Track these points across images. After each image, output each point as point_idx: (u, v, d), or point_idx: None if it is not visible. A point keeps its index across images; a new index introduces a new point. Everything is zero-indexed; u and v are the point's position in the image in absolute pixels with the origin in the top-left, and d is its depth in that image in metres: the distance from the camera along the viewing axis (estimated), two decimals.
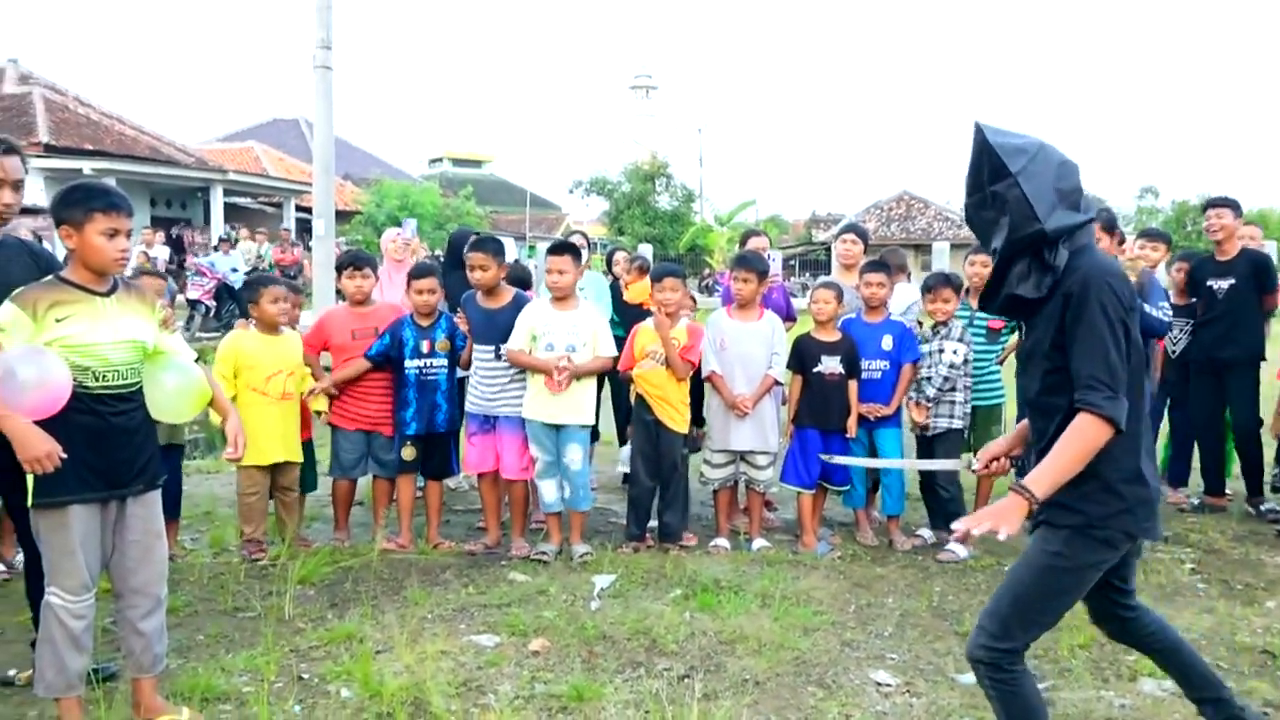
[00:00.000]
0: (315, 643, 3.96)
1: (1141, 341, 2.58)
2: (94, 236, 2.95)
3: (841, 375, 5.38)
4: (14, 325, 2.83)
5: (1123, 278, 2.52)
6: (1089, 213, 2.56)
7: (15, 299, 2.88)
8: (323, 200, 13.34)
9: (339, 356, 5.40)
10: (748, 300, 5.39)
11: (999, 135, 2.56)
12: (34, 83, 23.46)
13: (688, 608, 4.37)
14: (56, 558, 2.96)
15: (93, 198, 2.97)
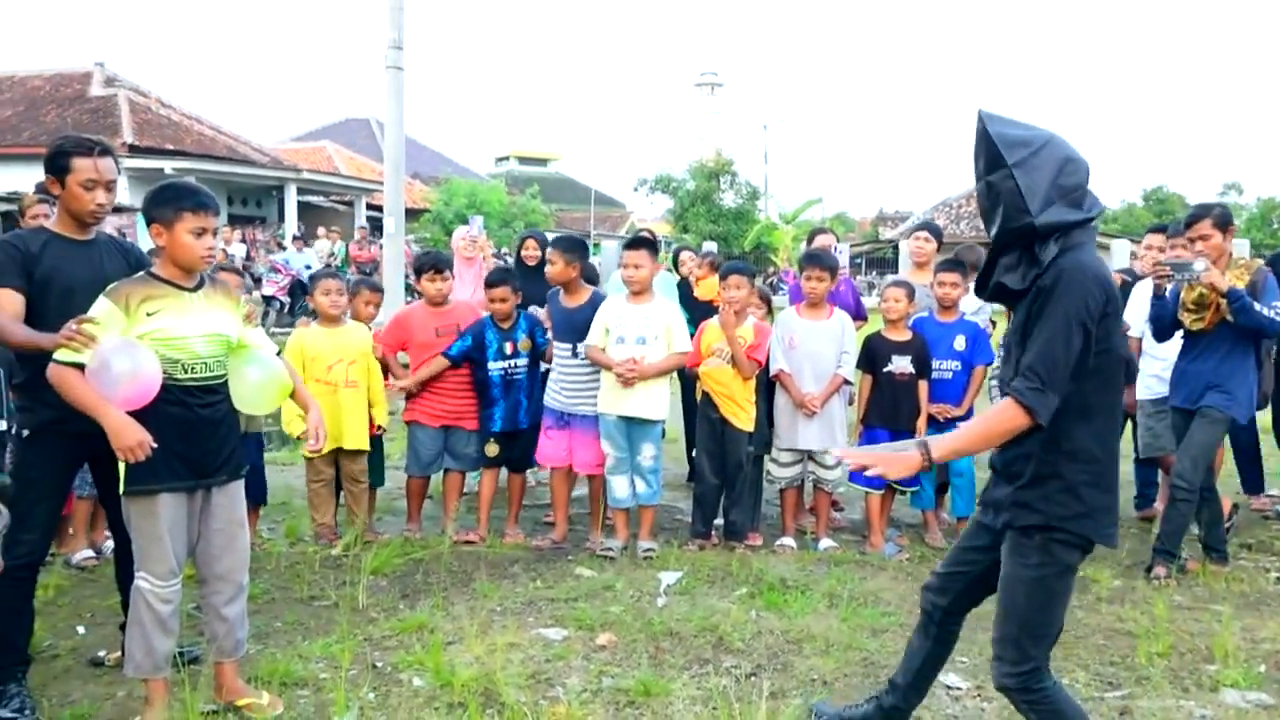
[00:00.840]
0: (388, 632, 4.05)
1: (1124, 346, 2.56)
2: (183, 234, 3.05)
3: (912, 375, 5.32)
4: (108, 319, 2.94)
5: (1099, 282, 2.47)
6: (1090, 211, 2.53)
7: (109, 294, 3.00)
8: (393, 198, 13.55)
9: (421, 354, 5.50)
10: (817, 299, 5.36)
11: (1001, 125, 2.55)
12: (119, 85, 24.26)
13: (754, 606, 4.36)
14: (146, 544, 3.08)
15: (183, 197, 3.08)
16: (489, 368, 5.36)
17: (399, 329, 5.59)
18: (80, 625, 4.10)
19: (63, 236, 3.36)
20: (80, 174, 3.27)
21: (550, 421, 5.37)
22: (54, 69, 25.27)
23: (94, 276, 3.29)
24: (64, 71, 25.04)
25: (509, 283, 5.43)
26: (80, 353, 2.89)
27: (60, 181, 3.29)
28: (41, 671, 3.58)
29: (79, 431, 3.10)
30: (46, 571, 4.22)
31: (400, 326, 5.61)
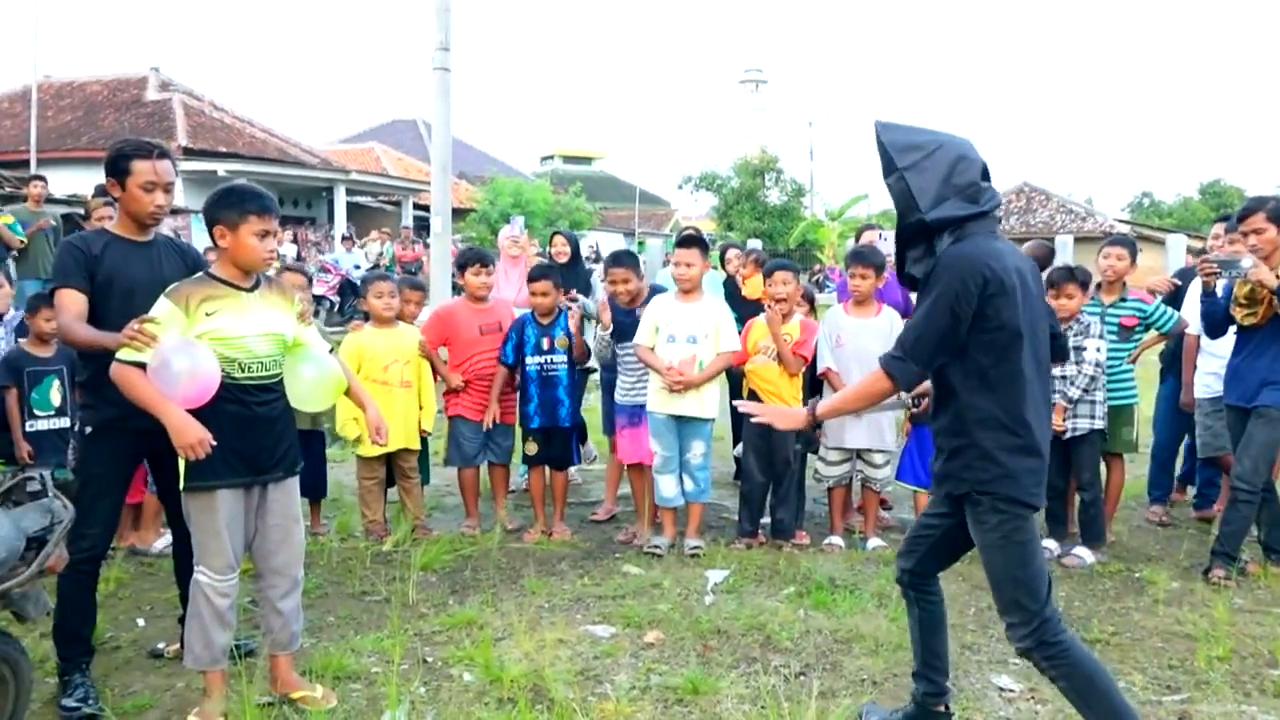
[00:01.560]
0: (438, 627, 4.09)
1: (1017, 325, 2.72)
2: (247, 237, 3.11)
3: None
4: (169, 319, 3.01)
5: (977, 267, 2.69)
6: (984, 206, 2.76)
7: (170, 294, 3.06)
8: (440, 198, 13.66)
9: (464, 351, 5.57)
10: (864, 296, 5.31)
11: (893, 133, 2.84)
12: (173, 90, 24.75)
13: (802, 605, 4.34)
14: (204, 538, 3.14)
15: (248, 200, 3.14)
16: (526, 363, 5.42)
17: (441, 325, 5.65)
18: (140, 618, 4.20)
19: (123, 238, 3.44)
20: (140, 176, 3.35)
21: (624, 420, 5.40)
22: (111, 74, 25.86)
23: (153, 277, 3.37)
24: (121, 77, 25.62)
25: (551, 278, 5.47)
26: (142, 352, 2.95)
27: (120, 184, 3.37)
28: (103, 662, 3.67)
29: (140, 429, 3.17)
30: (107, 565, 4.32)
31: (443, 323, 5.67)
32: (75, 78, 25.97)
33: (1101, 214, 34.72)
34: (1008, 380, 2.74)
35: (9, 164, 19.68)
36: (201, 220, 10.47)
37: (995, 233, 2.84)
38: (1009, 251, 2.81)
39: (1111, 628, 4.20)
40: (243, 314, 3.12)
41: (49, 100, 23.41)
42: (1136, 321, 5.48)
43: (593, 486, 6.73)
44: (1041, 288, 2.95)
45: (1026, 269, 2.81)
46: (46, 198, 10.36)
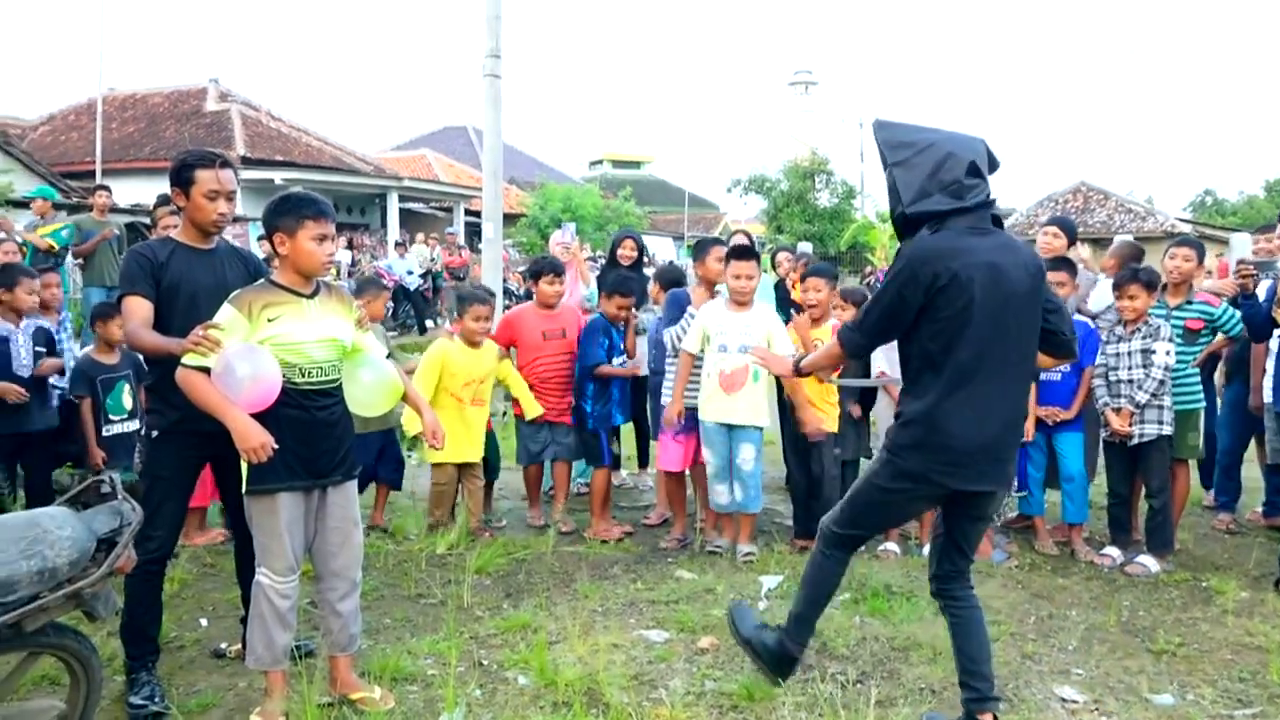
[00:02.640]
0: (493, 630, 4.12)
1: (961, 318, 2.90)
2: (305, 242, 3.16)
3: None
4: (232, 325, 3.07)
5: (929, 259, 2.89)
6: (966, 201, 2.90)
7: (233, 301, 3.12)
8: (491, 204, 13.73)
9: (529, 354, 5.74)
10: None
11: (888, 131, 3.05)
12: (231, 100, 25.29)
13: (858, 612, 4.30)
14: (266, 540, 3.20)
15: (304, 206, 3.19)
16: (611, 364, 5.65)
17: (509, 329, 5.82)
18: (203, 618, 4.29)
19: (187, 245, 3.52)
20: (203, 185, 3.43)
21: (678, 426, 5.39)
22: (172, 86, 26.50)
23: (216, 283, 3.44)
24: (181, 89, 26.24)
25: (633, 290, 5.76)
26: (206, 357, 3.01)
27: (185, 193, 3.45)
28: (168, 661, 3.75)
29: (204, 432, 3.24)
30: (170, 566, 4.42)
31: (511, 327, 5.82)
32: (137, 90, 26.65)
33: (1162, 213, 33.91)
34: (954, 367, 2.91)
35: (76, 175, 20.27)
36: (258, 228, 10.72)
37: (980, 228, 2.93)
38: (982, 248, 2.90)
39: (1179, 638, 4.09)
40: (303, 320, 3.17)
41: (113, 112, 24.04)
42: (1202, 324, 5.35)
43: (646, 493, 6.73)
44: (1036, 286, 3.00)
45: (1007, 265, 2.90)
46: (111, 207, 10.63)
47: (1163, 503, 5.05)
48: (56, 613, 2.67)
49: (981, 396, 2.92)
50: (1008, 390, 2.97)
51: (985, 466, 2.97)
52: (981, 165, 2.94)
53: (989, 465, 2.97)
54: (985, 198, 2.93)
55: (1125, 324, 5.12)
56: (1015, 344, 2.96)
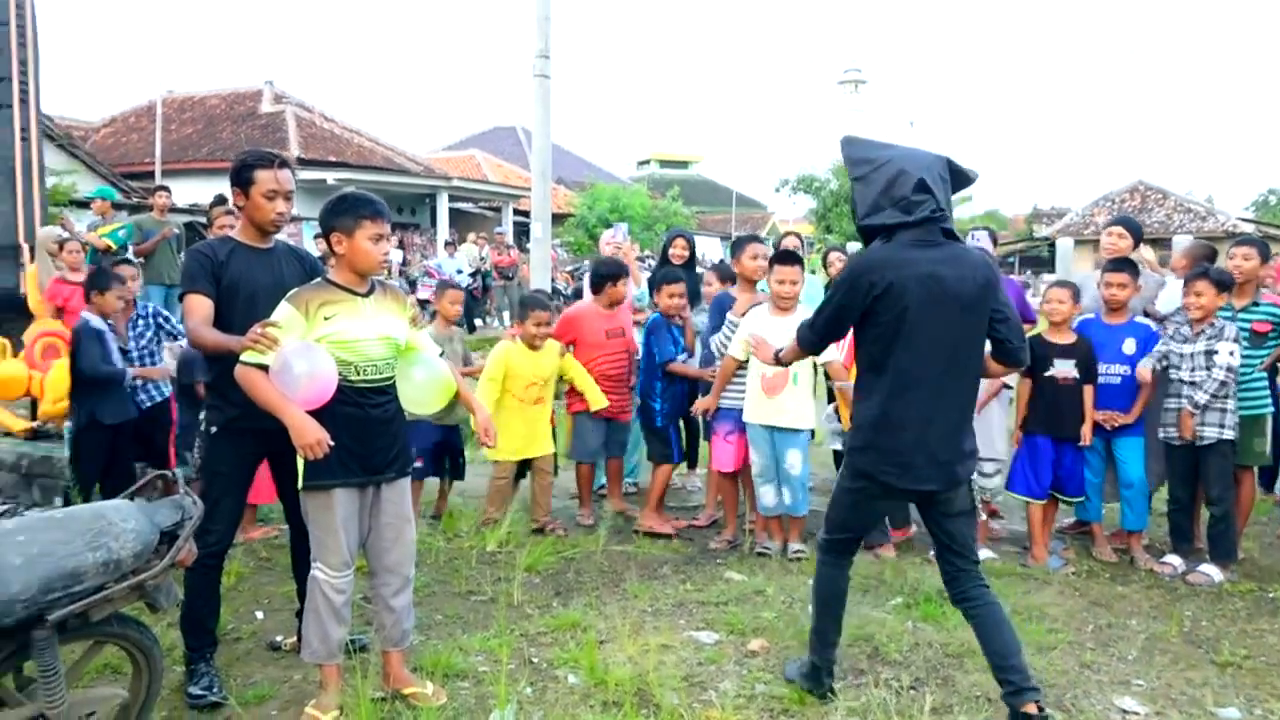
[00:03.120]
0: (543, 629, 4.13)
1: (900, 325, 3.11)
2: (363, 241, 3.20)
3: (1076, 380, 5.06)
4: (290, 323, 3.11)
5: (870, 269, 3.13)
6: (914, 216, 3.09)
7: (291, 299, 3.16)
8: (540, 204, 13.84)
9: (590, 352, 5.82)
10: None
11: (853, 148, 3.27)
12: (286, 102, 25.73)
13: (910, 617, 4.24)
14: (322, 535, 3.24)
15: (362, 206, 3.22)
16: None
17: (571, 328, 5.88)
18: (259, 610, 4.36)
19: (246, 245, 3.57)
20: (263, 185, 3.48)
21: (729, 426, 5.40)
22: (229, 88, 27.04)
23: (274, 282, 3.49)
24: (238, 90, 26.75)
25: (681, 278, 5.83)
26: (264, 354, 3.06)
27: (244, 193, 3.50)
28: (225, 653, 3.82)
29: (262, 429, 3.28)
30: (227, 559, 4.48)
31: (573, 325, 5.90)
32: (195, 92, 27.23)
33: (1223, 212, 33.07)
34: (896, 370, 3.14)
35: (136, 175, 20.76)
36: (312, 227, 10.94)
37: (926, 240, 3.13)
38: (924, 259, 3.10)
39: (1244, 650, 3.98)
40: (359, 318, 3.20)
41: (171, 114, 24.58)
42: (1270, 327, 5.20)
43: (695, 494, 6.72)
44: (982, 295, 3.15)
45: (949, 275, 3.09)
46: (170, 207, 10.86)
47: (1224, 510, 4.92)
48: (120, 603, 2.73)
49: (923, 401, 3.13)
50: (949, 394, 3.16)
51: (928, 469, 3.16)
52: (931, 182, 3.10)
53: (932, 467, 3.16)
54: (931, 212, 3.11)
55: (1192, 324, 4.99)
56: (956, 351, 3.15)
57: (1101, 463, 5.22)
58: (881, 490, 3.25)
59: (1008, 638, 3.18)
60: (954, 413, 3.18)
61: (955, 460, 3.18)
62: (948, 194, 3.19)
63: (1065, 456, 5.10)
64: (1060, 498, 5.22)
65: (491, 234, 20.06)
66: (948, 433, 3.16)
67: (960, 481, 3.23)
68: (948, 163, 3.23)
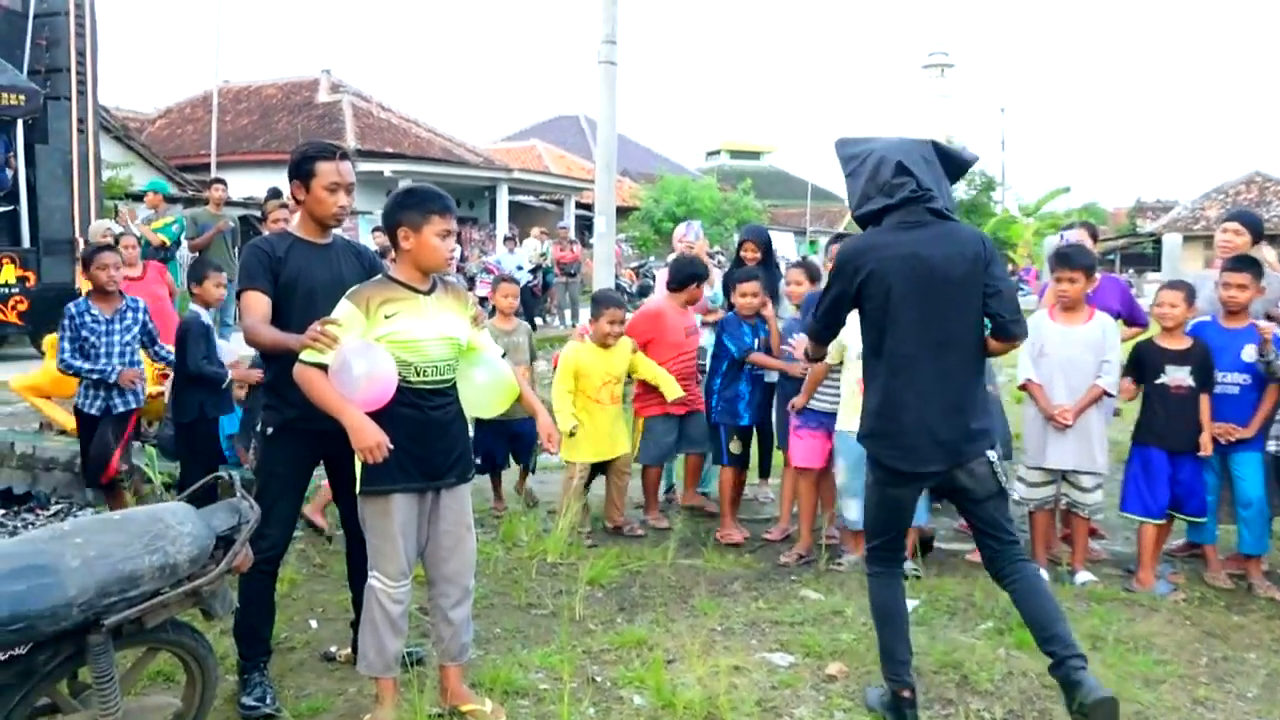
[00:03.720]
0: (606, 645, 4.13)
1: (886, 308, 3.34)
2: (431, 237, 3.23)
3: (1190, 388, 4.90)
4: (350, 321, 3.15)
5: (853, 256, 3.38)
6: (895, 198, 3.32)
7: (351, 296, 3.21)
8: (604, 197, 13.89)
9: (669, 351, 5.95)
10: (1072, 301, 5.04)
11: (844, 147, 3.51)
12: (343, 91, 26.29)
13: (1002, 643, 4.15)
14: (379, 543, 3.28)
15: (430, 200, 3.26)
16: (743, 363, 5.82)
17: (650, 325, 5.99)
18: (313, 619, 4.44)
19: (305, 240, 3.63)
20: (324, 178, 3.54)
21: (815, 423, 5.40)
22: (285, 78, 27.71)
23: (333, 278, 3.55)
24: (294, 80, 27.41)
25: (756, 276, 5.87)
26: (324, 353, 3.10)
27: (305, 186, 3.56)
28: (279, 663, 3.89)
29: (319, 430, 3.34)
30: (281, 566, 4.58)
31: (651, 323, 6.01)
32: (251, 82, 27.95)
33: None
34: (891, 353, 3.35)
35: (191, 168, 21.37)
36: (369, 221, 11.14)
37: (910, 221, 3.33)
38: (905, 240, 3.31)
39: None
40: (420, 317, 3.23)
41: (227, 105, 25.26)
42: None
43: (765, 504, 6.67)
44: (973, 272, 3.31)
45: (934, 254, 3.28)
46: (226, 200, 11.14)
47: None
48: (176, 609, 2.80)
49: (919, 382, 3.33)
50: (946, 373, 3.33)
51: (931, 449, 3.33)
52: (910, 164, 3.32)
53: (934, 448, 3.33)
54: (911, 192, 3.31)
55: None
56: (949, 329, 3.31)
57: (1218, 480, 5.05)
58: (892, 477, 3.41)
59: (1048, 606, 3.36)
60: (952, 391, 3.33)
61: (960, 439, 3.33)
62: (935, 175, 3.38)
63: (1182, 471, 4.95)
64: (1178, 517, 5.06)
65: (554, 228, 20.20)
66: (947, 411, 3.32)
67: (967, 461, 3.35)
68: (934, 145, 3.48)
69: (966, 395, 3.37)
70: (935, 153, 3.45)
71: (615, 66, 13.70)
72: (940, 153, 3.46)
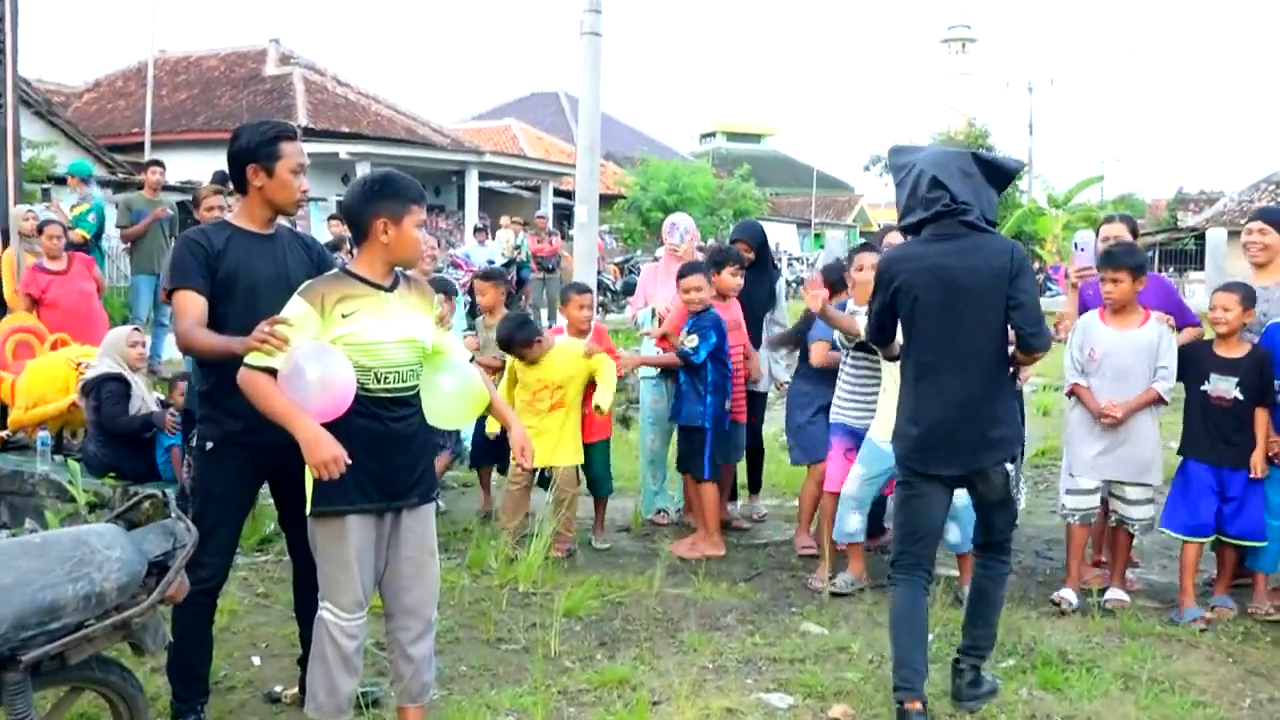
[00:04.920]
0: (585, 685, 4.15)
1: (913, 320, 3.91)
2: (412, 229, 3.25)
3: (1236, 400, 4.96)
4: (303, 321, 3.13)
5: (887, 267, 3.98)
6: (929, 211, 3.83)
7: (304, 293, 3.19)
8: (586, 184, 13.91)
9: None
10: (1121, 303, 5.12)
11: (895, 156, 4.06)
12: (294, 63, 26.23)
13: (1025, 683, 4.19)
14: (332, 571, 3.27)
15: (411, 189, 3.28)
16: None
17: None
18: (256, 656, 4.43)
19: (246, 231, 3.61)
20: (291, 159, 3.54)
21: (850, 443, 5.45)
22: (229, 48, 27.65)
23: (278, 274, 3.55)
24: (239, 50, 27.34)
25: (704, 271, 6.04)
26: (273, 357, 3.09)
27: (268, 169, 3.52)
28: (217, 705, 3.88)
29: (265, 445, 3.35)
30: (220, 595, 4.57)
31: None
32: (191, 52, 27.88)
33: None
34: (912, 361, 3.93)
35: (122, 147, 21.28)
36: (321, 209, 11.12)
37: (942, 234, 3.83)
38: (933, 252, 3.83)
39: None
40: (381, 317, 3.23)
41: (164, 77, 25.17)
42: None
43: (763, 527, 6.70)
44: (996, 284, 3.76)
45: (958, 266, 3.76)
46: (163, 185, 11.07)
47: None
48: (102, 644, 2.80)
49: (940, 388, 3.83)
50: (965, 381, 3.81)
51: (948, 454, 3.83)
52: (944, 178, 3.80)
53: (952, 453, 3.83)
54: (944, 206, 3.79)
55: None
56: (970, 338, 3.80)
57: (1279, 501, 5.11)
58: (913, 477, 3.91)
59: (986, 610, 4.01)
60: (971, 400, 3.81)
61: (979, 447, 3.82)
62: (974, 186, 3.83)
63: (1230, 489, 5.02)
64: (1224, 540, 5.11)
65: (530, 218, 20.18)
66: (966, 419, 3.80)
67: (984, 468, 3.82)
68: (973, 157, 3.95)
69: (985, 404, 3.82)
70: (976, 163, 3.91)
71: (600, 38, 13.73)
72: (982, 163, 3.93)
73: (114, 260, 12.84)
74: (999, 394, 3.87)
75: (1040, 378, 11.45)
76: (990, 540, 4.05)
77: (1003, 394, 3.90)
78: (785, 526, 6.66)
